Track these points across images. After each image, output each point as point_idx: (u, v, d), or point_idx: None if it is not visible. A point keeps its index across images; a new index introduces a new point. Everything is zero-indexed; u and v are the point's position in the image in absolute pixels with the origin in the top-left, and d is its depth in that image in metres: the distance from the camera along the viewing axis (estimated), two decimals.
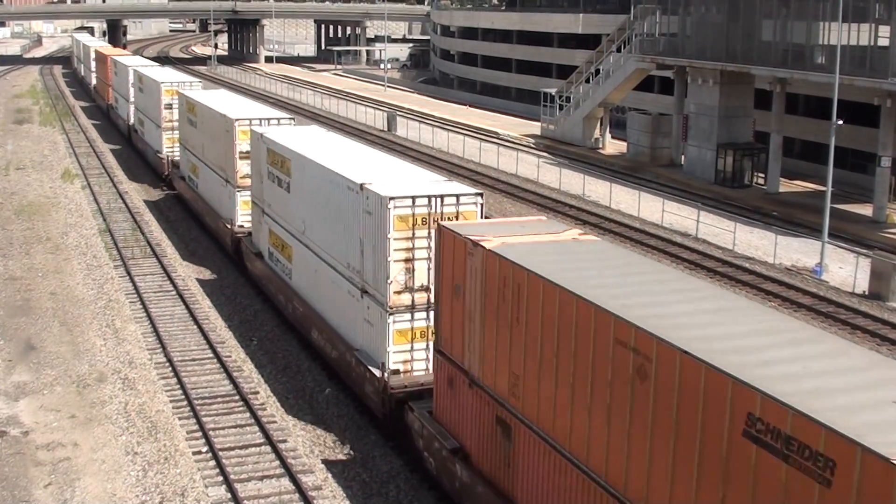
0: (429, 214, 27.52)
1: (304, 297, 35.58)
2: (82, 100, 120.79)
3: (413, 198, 27.49)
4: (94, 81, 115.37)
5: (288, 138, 38.13)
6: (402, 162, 36.14)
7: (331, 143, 38.51)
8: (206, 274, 46.32)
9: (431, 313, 26.72)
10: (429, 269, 27.46)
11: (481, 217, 27.98)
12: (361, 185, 28.79)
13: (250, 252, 42.71)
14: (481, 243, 21.72)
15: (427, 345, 27.86)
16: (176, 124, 61.83)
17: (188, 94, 57.80)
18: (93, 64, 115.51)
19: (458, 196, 27.94)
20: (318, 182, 32.93)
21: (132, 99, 79.58)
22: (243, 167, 44.64)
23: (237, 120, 45.27)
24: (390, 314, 27.74)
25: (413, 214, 27.50)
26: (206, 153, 51.48)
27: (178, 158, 61.71)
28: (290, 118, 47.19)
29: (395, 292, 27.69)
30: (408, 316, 27.95)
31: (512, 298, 20.61)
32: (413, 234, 27.55)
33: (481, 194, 28.36)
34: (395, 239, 27.35)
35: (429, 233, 27.24)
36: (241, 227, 45.61)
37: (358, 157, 34.96)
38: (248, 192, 43.60)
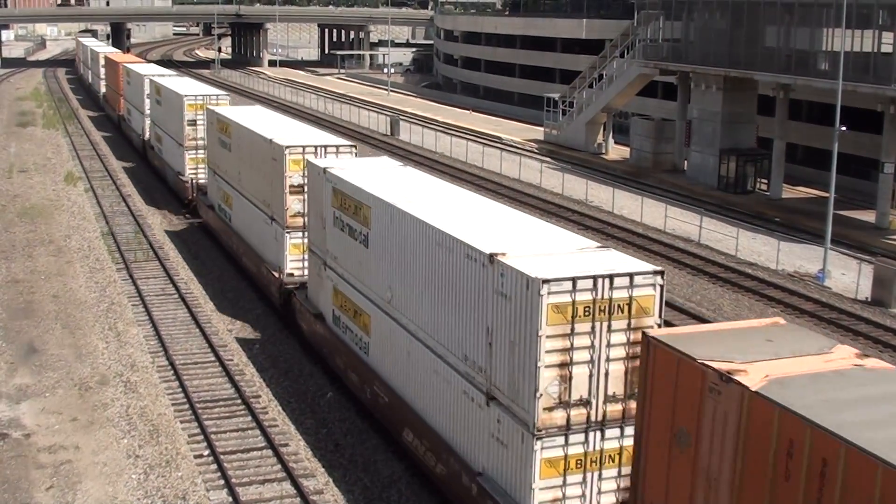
0: (593, 301, 20.28)
1: (390, 384, 28.17)
2: (90, 109, 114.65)
3: (574, 279, 20.16)
4: (103, 89, 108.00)
5: (362, 177, 30.78)
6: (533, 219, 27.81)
7: (419, 185, 31.06)
8: (249, 331, 39.30)
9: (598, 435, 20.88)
10: (590, 375, 20.57)
11: (660, 304, 20.81)
12: (491, 256, 21.62)
13: (306, 311, 35.31)
14: (737, 378, 15.29)
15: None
16: (201, 143, 56.54)
17: (220, 111, 50.53)
18: (102, 71, 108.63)
19: (632, 275, 20.64)
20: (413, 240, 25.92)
21: (147, 111, 73.27)
22: (294, 204, 37.75)
23: (288, 148, 37.74)
24: (537, 438, 20.50)
25: (573, 301, 20.17)
26: (244, 182, 44.33)
27: (203, 182, 56.08)
28: (350, 145, 39.15)
29: (544, 408, 20.40)
30: (561, 440, 20.69)
31: (796, 470, 14.10)
32: (573, 328, 20.29)
33: (662, 272, 21.01)
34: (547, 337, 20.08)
35: (592, 327, 20.33)
36: (292, 275, 38.33)
37: (463, 207, 27.62)
38: (301, 235, 37.57)
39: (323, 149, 38.06)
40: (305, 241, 36.63)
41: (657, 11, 75.81)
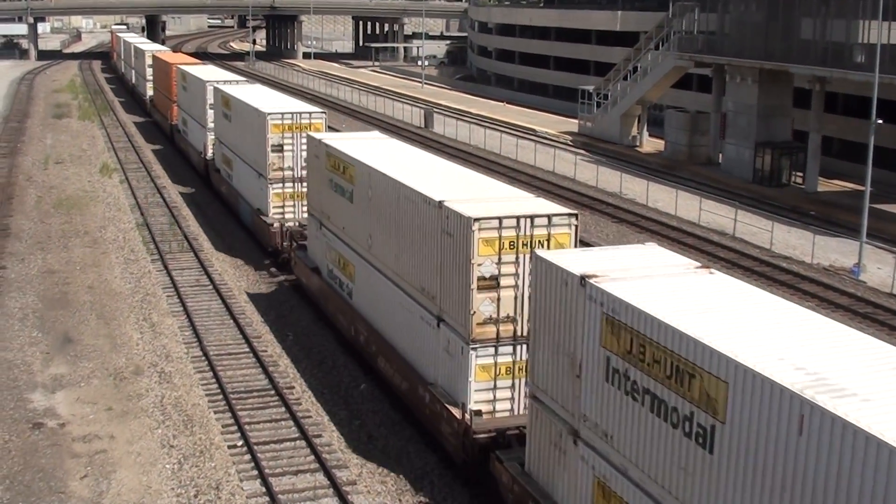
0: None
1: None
2: (134, 113, 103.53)
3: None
4: (149, 92, 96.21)
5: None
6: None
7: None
8: (283, 322, 38.62)
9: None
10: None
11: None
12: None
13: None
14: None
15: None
16: (289, 174, 45.91)
17: (328, 140, 37.10)
18: (148, 71, 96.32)
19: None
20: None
21: (211, 124, 61.75)
22: (482, 306, 25.06)
23: (477, 220, 24.57)
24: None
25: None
26: (379, 248, 31.49)
27: (296, 224, 45.21)
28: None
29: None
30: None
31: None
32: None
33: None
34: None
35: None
36: (480, 412, 25.42)
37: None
38: (487, 350, 25.49)
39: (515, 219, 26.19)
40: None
41: (692, 3, 75.45)
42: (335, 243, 36.03)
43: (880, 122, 47.33)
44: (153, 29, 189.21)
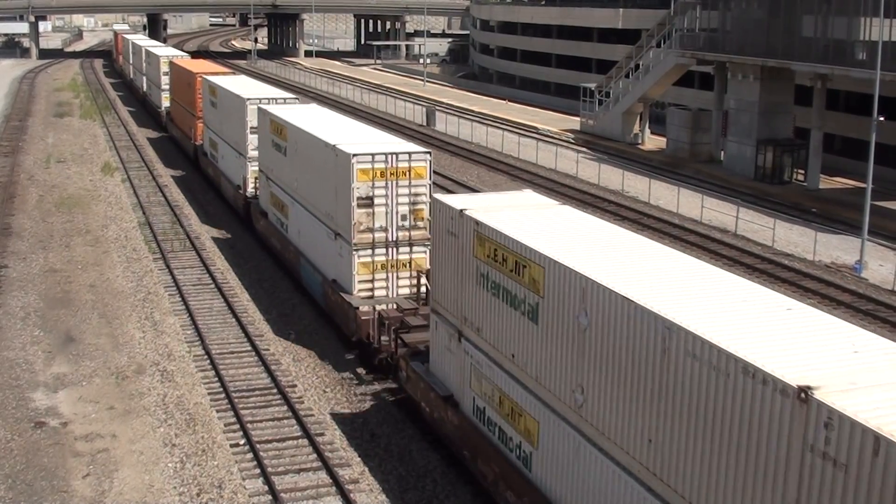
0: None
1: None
2: (147, 126, 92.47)
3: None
4: (164, 103, 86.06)
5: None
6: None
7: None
8: (285, 321, 39.26)
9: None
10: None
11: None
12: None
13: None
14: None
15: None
16: (381, 236, 34.53)
17: (484, 219, 24.27)
18: (163, 79, 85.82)
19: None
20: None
21: (252, 153, 49.79)
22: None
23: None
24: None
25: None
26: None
27: (395, 307, 32.90)
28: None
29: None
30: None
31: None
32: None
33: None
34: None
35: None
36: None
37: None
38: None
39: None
40: None
41: (694, 1, 75.45)
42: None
43: (882, 119, 47.31)
44: (155, 27, 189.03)
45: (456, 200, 25.94)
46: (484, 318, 23.70)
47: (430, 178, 34.63)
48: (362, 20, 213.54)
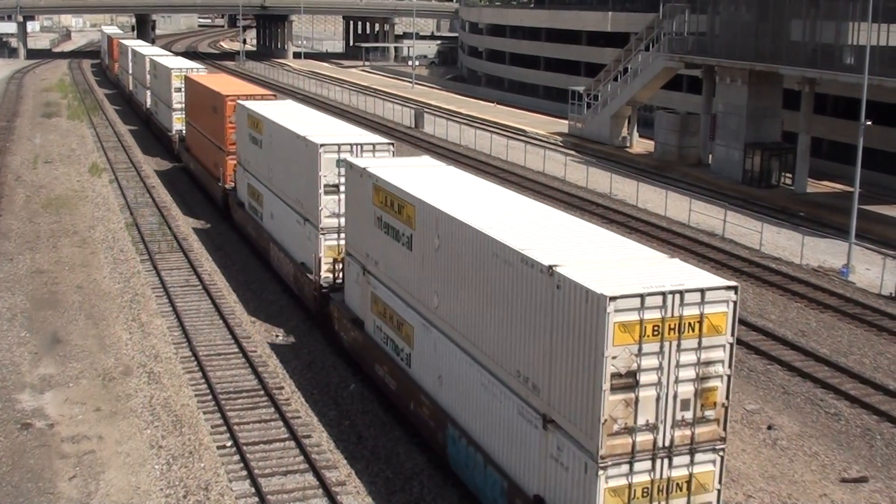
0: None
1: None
2: (154, 153, 78.05)
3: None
4: (176, 125, 71.94)
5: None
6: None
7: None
8: (272, 323, 38.79)
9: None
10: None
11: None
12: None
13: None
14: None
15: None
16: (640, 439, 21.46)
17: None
18: (175, 97, 71.70)
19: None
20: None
21: (328, 220, 36.79)
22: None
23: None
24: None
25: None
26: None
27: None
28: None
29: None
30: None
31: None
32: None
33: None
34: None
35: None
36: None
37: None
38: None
39: None
40: None
41: (683, 4, 75.61)
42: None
43: (869, 123, 47.39)
44: (143, 28, 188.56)
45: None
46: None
47: (734, 335, 19.69)
48: (351, 22, 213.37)
